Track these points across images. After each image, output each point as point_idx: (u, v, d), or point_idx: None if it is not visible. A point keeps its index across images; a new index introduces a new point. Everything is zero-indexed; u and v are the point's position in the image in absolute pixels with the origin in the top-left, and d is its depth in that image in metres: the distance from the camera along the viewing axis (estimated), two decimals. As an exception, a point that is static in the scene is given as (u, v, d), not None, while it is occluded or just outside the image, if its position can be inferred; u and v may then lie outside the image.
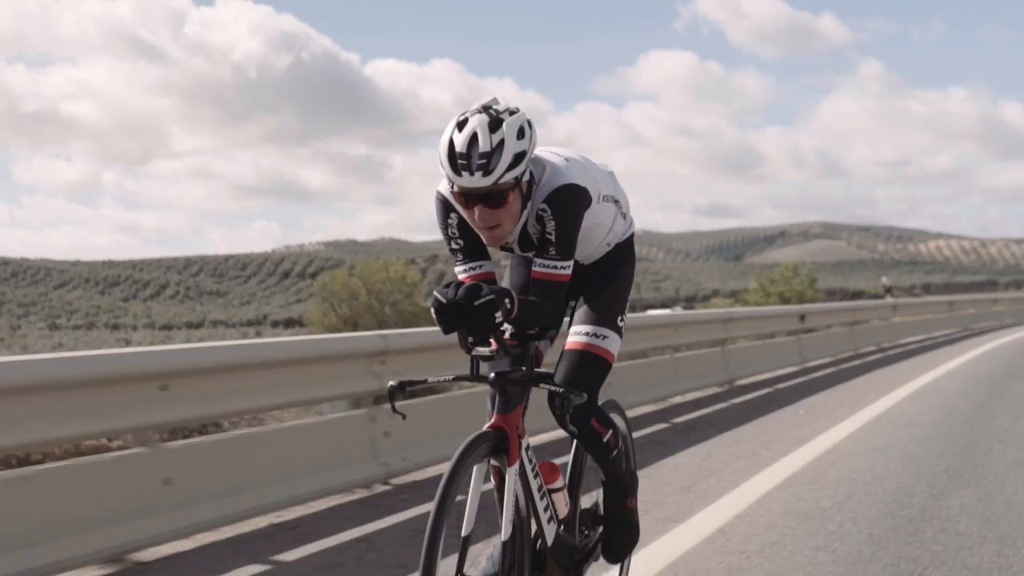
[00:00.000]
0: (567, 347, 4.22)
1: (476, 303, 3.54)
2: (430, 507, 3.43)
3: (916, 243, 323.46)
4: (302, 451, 6.85)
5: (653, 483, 7.60)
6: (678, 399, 13.02)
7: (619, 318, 4.31)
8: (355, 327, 42.95)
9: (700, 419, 11.51)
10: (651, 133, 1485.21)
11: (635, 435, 9.65)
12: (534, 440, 4.16)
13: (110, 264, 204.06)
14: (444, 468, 3.49)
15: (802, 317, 20.03)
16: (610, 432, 4.26)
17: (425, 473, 7.88)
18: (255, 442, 6.89)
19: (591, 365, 4.17)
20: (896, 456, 8.57)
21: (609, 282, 4.36)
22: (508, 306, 3.64)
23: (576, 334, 4.24)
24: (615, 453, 4.31)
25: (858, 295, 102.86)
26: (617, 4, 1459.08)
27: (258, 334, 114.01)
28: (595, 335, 4.21)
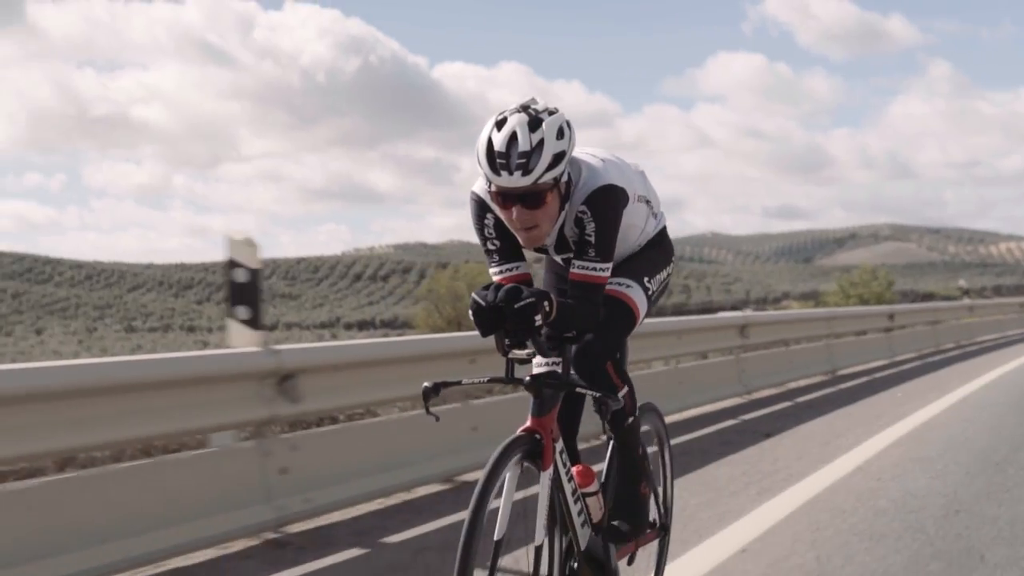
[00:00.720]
0: None
1: (516, 305, 3.56)
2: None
3: (987, 245, 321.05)
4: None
5: (799, 442, 9.95)
6: (793, 384, 15.28)
7: (646, 279, 4.33)
8: (459, 327, 45.48)
9: (817, 399, 13.81)
10: (720, 135, 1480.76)
11: (769, 410, 12.11)
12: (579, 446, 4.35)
13: (183, 267, 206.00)
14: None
15: (891, 316, 22.31)
16: (626, 389, 4.24)
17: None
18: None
19: (614, 309, 4.17)
20: (981, 425, 10.82)
21: (638, 252, 4.41)
22: (547, 308, 3.64)
23: None
24: (630, 420, 4.29)
25: (929, 297, 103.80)
26: (684, 6, 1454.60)
27: (333, 336, 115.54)
28: (619, 283, 4.22)
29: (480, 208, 4.02)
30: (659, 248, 4.48)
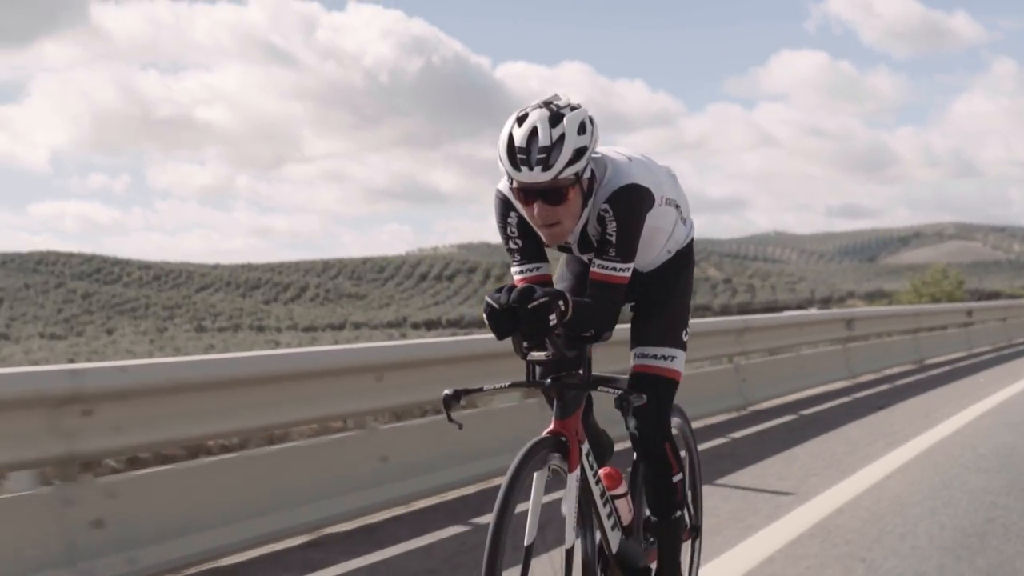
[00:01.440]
0: (634, 369, 4.21)
1: (529, 306, 3.49)
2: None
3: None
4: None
5: (906, 412, 12.34)
6: (888, 371, 17.67)
7: (683, 333, 4.28)
8: None
9: (913, 382, 16.28)
10: (783, 134, 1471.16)
11: (875, 390, 15.13)
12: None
13: (249, 267, 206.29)
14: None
15: (969, 313, 24.72)
16: (680, 476, 4.24)
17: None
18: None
19: (660, 388, 4.14)
20: (1055, 401, 13.19)
21: (670, 295, 4.30)
22: (562, 308, 3.57)
23: (642, 356, 4.22)
24: (678, 514, 4.29)
25: (995, 295, 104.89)
26: (747, 4, 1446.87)
27: (403, 335, 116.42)
28: (662, 357, 4.19)
29: (504, 206, 4.00)
30: (687, 273, 4.40)
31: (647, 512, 4.39)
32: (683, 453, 4.62)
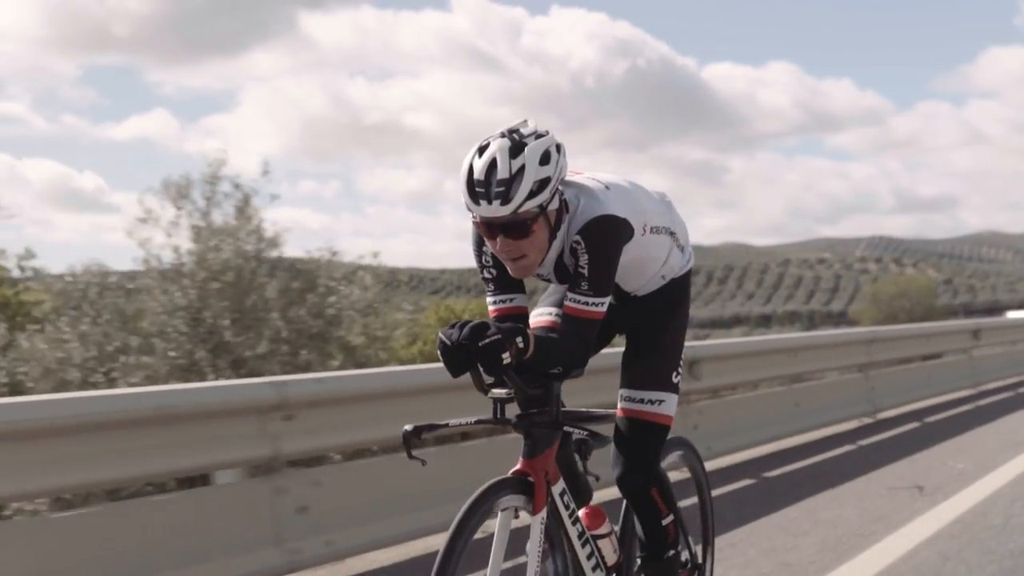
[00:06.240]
0: (620, 414, 4.03)
1: (480, 344, 3.34)
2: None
3: None
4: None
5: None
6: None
7: (674, 374, 4.08)
8: (895, 320, 60.70)
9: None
10: (994, 131, 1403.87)
11: None
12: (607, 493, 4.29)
13: (475, 272, 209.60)
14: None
15: None
16: (671, 518, 4.06)
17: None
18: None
19: (647, 434, 4.00)
20: None
21: (664, 330, 4.10)
22: (521, 345, 3.43)
23: (629, 400, 4.03)
24: (670, 554, 4.11)
25: None
26: (954, 2, 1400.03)
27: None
28: (650, 401, 4.01)
29: (479, 236, 3.78)
30: (682, 308, 4.20)
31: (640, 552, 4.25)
32: (692, 500, 4.59)
